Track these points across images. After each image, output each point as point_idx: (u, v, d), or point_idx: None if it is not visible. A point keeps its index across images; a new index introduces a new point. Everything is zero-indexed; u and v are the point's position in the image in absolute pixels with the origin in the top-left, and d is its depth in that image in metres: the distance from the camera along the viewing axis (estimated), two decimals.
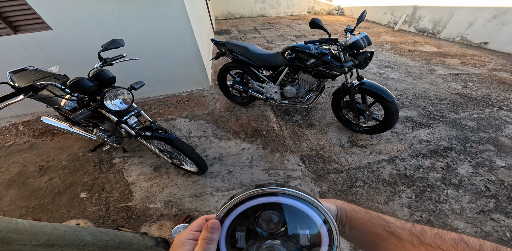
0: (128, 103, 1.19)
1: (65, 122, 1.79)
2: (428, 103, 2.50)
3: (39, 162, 1.97)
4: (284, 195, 0.25)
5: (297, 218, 0.25)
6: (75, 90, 1.04)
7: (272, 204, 0.24)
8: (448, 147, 1.86)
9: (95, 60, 2.15)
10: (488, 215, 1.34)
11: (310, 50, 1.66)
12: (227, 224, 0.24)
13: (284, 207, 0.25)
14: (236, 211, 0.24)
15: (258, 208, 0.25)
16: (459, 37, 4.99)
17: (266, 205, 0.25)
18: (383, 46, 4.72)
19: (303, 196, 0.25)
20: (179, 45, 2.46)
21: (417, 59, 3.86)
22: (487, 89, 2.75)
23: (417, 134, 2.02)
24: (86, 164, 1.91)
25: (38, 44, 2.15)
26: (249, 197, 0.25)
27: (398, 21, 6.69)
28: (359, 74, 1.70)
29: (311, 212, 0.24)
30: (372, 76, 3.23)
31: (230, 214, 0.24)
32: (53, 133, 2.35)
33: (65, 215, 1.49)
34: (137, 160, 1.90)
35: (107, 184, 1.71)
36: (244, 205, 0.24)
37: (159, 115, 2.52)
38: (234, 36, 6.07)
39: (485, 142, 1.90)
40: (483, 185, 1.52)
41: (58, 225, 0.75)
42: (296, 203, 0.25)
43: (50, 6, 1.92)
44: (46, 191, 1.68)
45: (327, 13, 10.44)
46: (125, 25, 2.15)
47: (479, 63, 3.64)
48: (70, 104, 1.26)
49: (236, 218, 0.24)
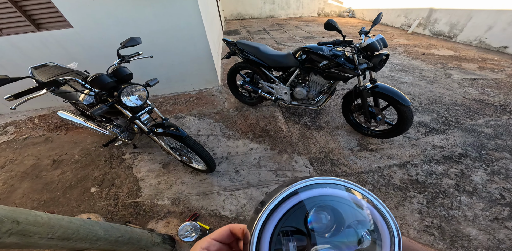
0: (143, 99, 1.21)
1: (80, 117, 1.84)
2: (442, 108, 2.42)
3: (53, 156, 2.04)
4: (331, 185, 0.21)
5: (347, 213, 0.21)
6: (95, 85, 1.07)
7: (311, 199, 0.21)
8: (463, 154, 1.80)
9: (111, 57, 2.24)
10: (502, 223, 1.30)
11: (322, 52, 1.64)
12: (268, 236, 0.19)
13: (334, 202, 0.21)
14: (274, 217, 0.20)
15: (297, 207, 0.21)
16: (477, 41, 4.83)
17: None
18: (396, 49, 4.62)
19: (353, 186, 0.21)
20: (191, 44, 2.49)
21: (432, 63, 3.76)
22: (506, 96, 2.65)
23: (430, 140, 1.96)
24: (97, 159, 1.96)
25: (58, 41, 2.24)
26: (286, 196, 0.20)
27: (412, 23, 6.55)
28: (372, 77, 1.67)
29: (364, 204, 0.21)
30: (384, 79, 3.17)
31: (268, 222, 0.20)
32: (67, 127, 2.43)
33: (75, 209, 1.53)
34: (146, 156, 1.93)
35: (117, 179, 1.75)
36: (283, 206, 0.20)
37: (168, 113, 2.56)
38: (243, 37, 6.10)
39: (501, 149, 1.83)
40: (498, 193, 1.47)
41: (74, 219, 0.77)
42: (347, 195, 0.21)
43: (72, 5, 2.00)
44: (58, 185, 1.73)
45: (337, 15, 10.35)
46: (141, 23, 2.20)
47: (497, 68, 3.51)
48: (88, 99, 1.29)
49: (278, 224, 0.20)
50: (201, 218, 1.43)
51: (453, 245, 1.21)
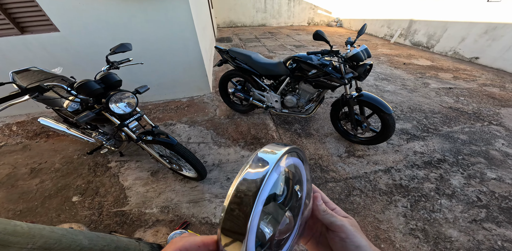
0: (133, 106, 1.20)
1: (62, 123, 1.77)
2: (422, 116, 2.58)
3: (31, 164, 1.92)
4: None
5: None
6: (82, 92, 1.04)
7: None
8: (442, 159, 1.91)
9: (99, 63, 2.19)
10: (480, 224, 1.38)
11: (312, 61, 1.72)
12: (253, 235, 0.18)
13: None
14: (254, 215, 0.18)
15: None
16: (451, 52, 5.21)
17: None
18: (380, 59, 4.90)
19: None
20: (183, 51, 2.50)
21: (411, 72, 4.02)
22: (478, 104, 2.88)
23: (411, 146, 2.07)
24: (80, 167, 1.87)
25: (43, 45, 2.16)
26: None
27: (394, 34, 6.98)
28: (358, 86, 1.76)
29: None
30: (369, 88, 3.34)
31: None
32: (47, 134, 2.31)
33: (54, 219, 1.44)
34: (134, 164, 1.88)
35: (102, 188, 1.67)
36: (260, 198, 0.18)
37: (158, 120, 2.52)
38: (235, 44, 6.20)
39: (476, 155, 1.96)
40: (475, 196, 1.57)
41: (56, 228, 0.74)
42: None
43: (60, 9, 1.95)
44: (36, 194, 1.63)
45: (326, 24, 10.85)
46: (132, 30, 2.19)
47: (470, 78, 3.82)
48: (73, 106, 1.25)
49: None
50: (192, 226, 1.39)
51: (436, 247, 1.26)
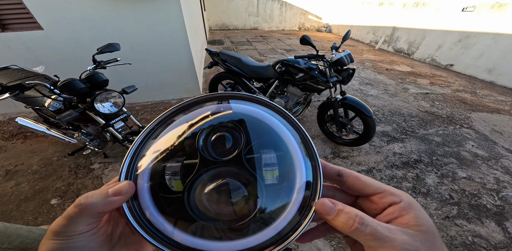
0: (119, 106, 1.19)
1: (42, 124, 1.70)
2: (401, 119, 2.74)
3: (6, 166, 1.81)
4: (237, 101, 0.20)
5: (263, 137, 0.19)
6: (66, 90, 1.03)
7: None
8: (418, 160, 2.04)
9: (84, 62, 2.13)
10: (452, 221, 1.48)
11: (299, 65, 1.79)
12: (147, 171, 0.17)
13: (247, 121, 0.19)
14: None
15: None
16: (429, 58, 5.56)
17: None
18: (365, 64, 5.15)
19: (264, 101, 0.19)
20: (173, 52, 2.50)
21: (393, 78, 4.26)
22: (451, 108, 3.10)
23: (391, 148, 2.19)
24: (60, 169, 1.79)
25: (24, 43, 2.07)
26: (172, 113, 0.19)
27: (378, 40, 7.35)
28: (342, 90, 1.85)
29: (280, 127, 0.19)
30: (354, 92, 3.49)
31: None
32: (25, 135, 2.19)
33: (31, 222, 1.38)
34: (119, 166, 1.83)
35: (83, 190, 1.61)
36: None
37: (146, 121, 2.47)
38: (226, 47, 6.24)
39: (449, 155, 2.12)
40: (448, 194, 1.69)
41: (33, 228, 0.73)
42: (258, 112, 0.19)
43: (45, 7, 1.90)
44: (11, 197, 1.54)
45: (316, 29, 11.21)
46: (121, 29, 2.16)
47: (445, 83, 4.11)
48: (54, 105, 1.22)
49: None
50: None
51: None
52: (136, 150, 0.18)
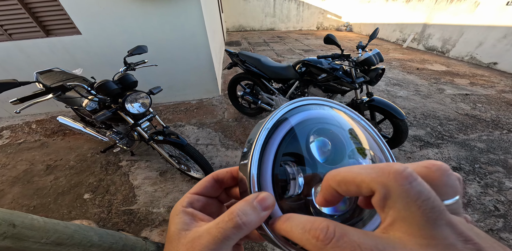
0: (146, 107, 1.24)
1: (79, 122, 1.85)
2: (436, 123, 2.49)
3: (47, 161, 2.00)
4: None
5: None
6: (101, 91, 1.09)
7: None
8: (457, 167, 1.83)
9: (116, 64, 2.29)
10: (497, 234, 1.32)
11: (321, 65, 1.72)
12: (269, 171, 0.16)
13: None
14: (270, 149, 0.17)
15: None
16: (468, 57, 5.01)
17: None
18: (392, 64, 4.81)
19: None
20: (194, 53, 2.57)
21: (425, 78, 3.91)
22: (497, 111, 2.74)
23: (425, 153, 1.99)
24: (93, 165, 1.93)
25: (65, 48, 2.29)
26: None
27: (407, 38, 6.85)
28: (369, 91, 1.73)
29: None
30: (380, 93, 3.27)
31: (264, 156, 0.16)
32: (64, 133, 2.41)
33: (65, 216, 1.49)
34: (144, 164, 1.92)
35: (112, 186, 1.71)
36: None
37: (168, 121, 2.57)
38: (244, 48, 6.30)
39: (494, 163, 1.87)
40: (492, 205, 1.50)
41: (69, 224, 0.76)
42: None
43: (83, 13, 2.07)
44: (50, 191, 1.69)
45: (335, 29, 10.83)
46: (147, 32, 2.28)
47: (488, 84, 3.66)
48: (91, 105, 1.31)
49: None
50: None
51: None
52: (260, 157, 0.16)
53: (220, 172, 0.20)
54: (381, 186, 0.11)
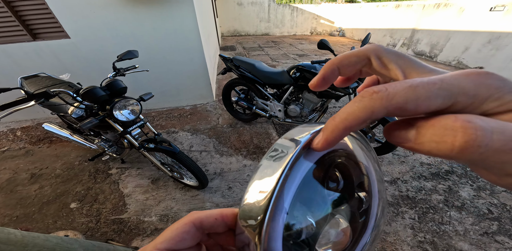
0: (136, 114, 1.20)
1: (66, 130, 1.78)
2: None
3: (32, 169, 1.92)
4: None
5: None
6: (87, 98, 1.05)
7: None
8: (450, 171, 1.86)
9: (106, 70, 2.23)
10: (492, 237, 1.33)
11: (315, 70, 1.73)
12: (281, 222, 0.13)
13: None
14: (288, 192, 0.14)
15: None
16: (455, 61, 5.16)
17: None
18: None
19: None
20: (188, 58, 2.55)
21: None
22: None
23: (418, 157, 2.02)
24: (81, 174, 1.85)
25: (53, 52, 2.22)
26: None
27: (397, 43, 7.06)
28: None
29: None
30: None
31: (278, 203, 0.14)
32: (51, 140, 2.32)
33: (50, 226, 1.42)
34: (135, 171, 1.85)
35: (101, 194, 1.65)
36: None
37: (161, 128, 2.52)
38: (239, 53, 6.34)
39: None
40: (486, 208, 1.52)
41: (50, 237, 0.72)
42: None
43: (72, 16, 2.01)
44: (34, 200, 1.61)
45: (328, 34, 11.09)
46: (139, 37, 2.24)
47: None
48: (77, 112, 1.26)
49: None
50: None
51: None
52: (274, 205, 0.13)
53: (204, 217, 0.15)
54: (371, 51, 0.15)
